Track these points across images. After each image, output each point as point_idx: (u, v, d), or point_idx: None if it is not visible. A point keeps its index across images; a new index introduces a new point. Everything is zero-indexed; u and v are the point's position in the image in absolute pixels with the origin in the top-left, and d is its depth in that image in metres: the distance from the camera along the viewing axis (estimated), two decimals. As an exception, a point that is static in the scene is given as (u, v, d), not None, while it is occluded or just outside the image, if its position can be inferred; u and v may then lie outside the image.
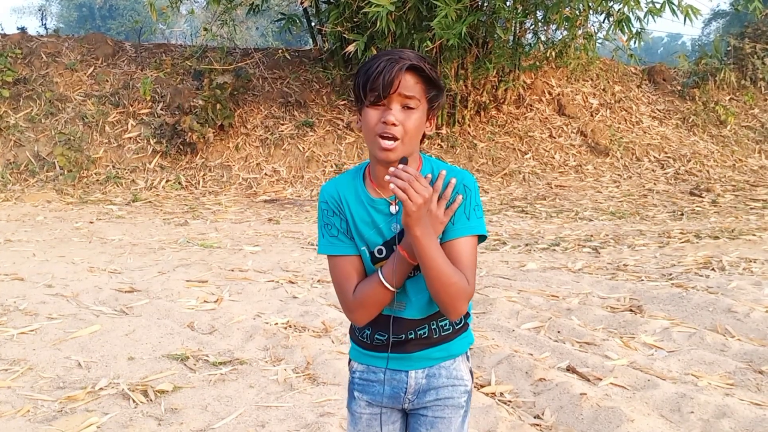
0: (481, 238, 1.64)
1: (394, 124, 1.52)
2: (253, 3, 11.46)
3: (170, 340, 3.96)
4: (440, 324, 1.69)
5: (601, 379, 3.45)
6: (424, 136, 1.62)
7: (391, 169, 1.48)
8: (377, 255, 1.65)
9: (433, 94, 1.58)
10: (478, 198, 1.64)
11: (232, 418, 3.06)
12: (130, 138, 10.45)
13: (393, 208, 1.62)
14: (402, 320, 1.67)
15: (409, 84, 1.53)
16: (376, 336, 1.70)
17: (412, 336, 1.68)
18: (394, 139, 1.53)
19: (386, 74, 1.51)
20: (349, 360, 1.81)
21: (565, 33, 10.80)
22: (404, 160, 1.52)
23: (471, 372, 1.77)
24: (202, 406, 3.17)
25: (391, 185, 1.45)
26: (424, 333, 1.68)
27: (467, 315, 1.75)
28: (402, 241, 1.59)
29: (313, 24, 11.77)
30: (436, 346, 1.70)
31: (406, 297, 1.65)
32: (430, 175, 1.63)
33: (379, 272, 1.61)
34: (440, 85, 1.59)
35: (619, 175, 11.26)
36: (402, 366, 1.70)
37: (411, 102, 1.54)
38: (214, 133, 10.30)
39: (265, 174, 10.33)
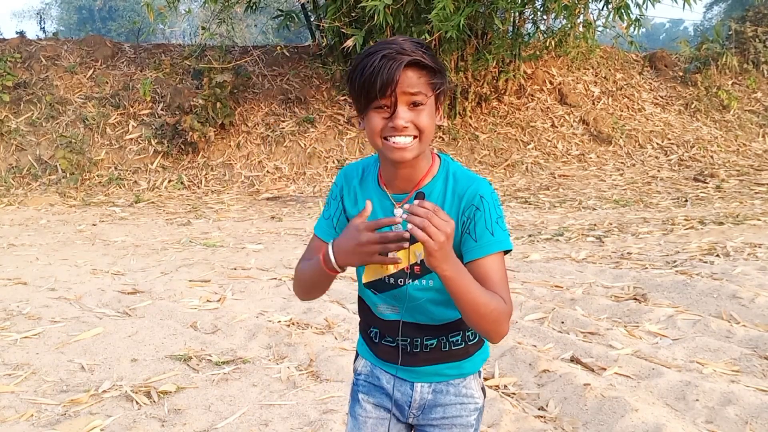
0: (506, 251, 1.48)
1: (405, 128, 1.39)
2: (250, 0, 11.43)
3: (173, 340, 3.96)
4: (451, 339, 1.57)
5: (605, 369, 3.43)
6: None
7: (405, 205, 1.33)
8: None
9: (438, 82, 1.42)
10: (500, 209, 1.48)
11: (235, 417, 3.06)
12: (132, 139, 10.46)
13: (397, 211, 1.49)
14: (405, 325, 1.56)
15: (412, 80, 1.37)
16: (384, 340, 1.61)
17: (418, 344, 1.57)
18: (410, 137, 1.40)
19: (385, 74, 1.35)
20: (356, 358, 1.71)
21: (564, 22, 10.74)
22: (420, 195, 1.41)
23: (483, 390, 1.65)
24: (206, 406, 3.17)
25: (408, 225, 1.25)
26: (433, 344, 1.57)
27: None
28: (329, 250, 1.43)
29: (311, 19, 11.74)
30: (448, 362, 1.58)
31: (401, 301, 1.54)
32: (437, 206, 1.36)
33: (330, 247, 1.43)
34: (443, 70, 1.44)
35: (622, 163, 11.21)
36: (409, 376, 1.60)
37: (417, 98, 1.39)
38: (215, 131, 10.30)
39: (267, 171, 10.32)
